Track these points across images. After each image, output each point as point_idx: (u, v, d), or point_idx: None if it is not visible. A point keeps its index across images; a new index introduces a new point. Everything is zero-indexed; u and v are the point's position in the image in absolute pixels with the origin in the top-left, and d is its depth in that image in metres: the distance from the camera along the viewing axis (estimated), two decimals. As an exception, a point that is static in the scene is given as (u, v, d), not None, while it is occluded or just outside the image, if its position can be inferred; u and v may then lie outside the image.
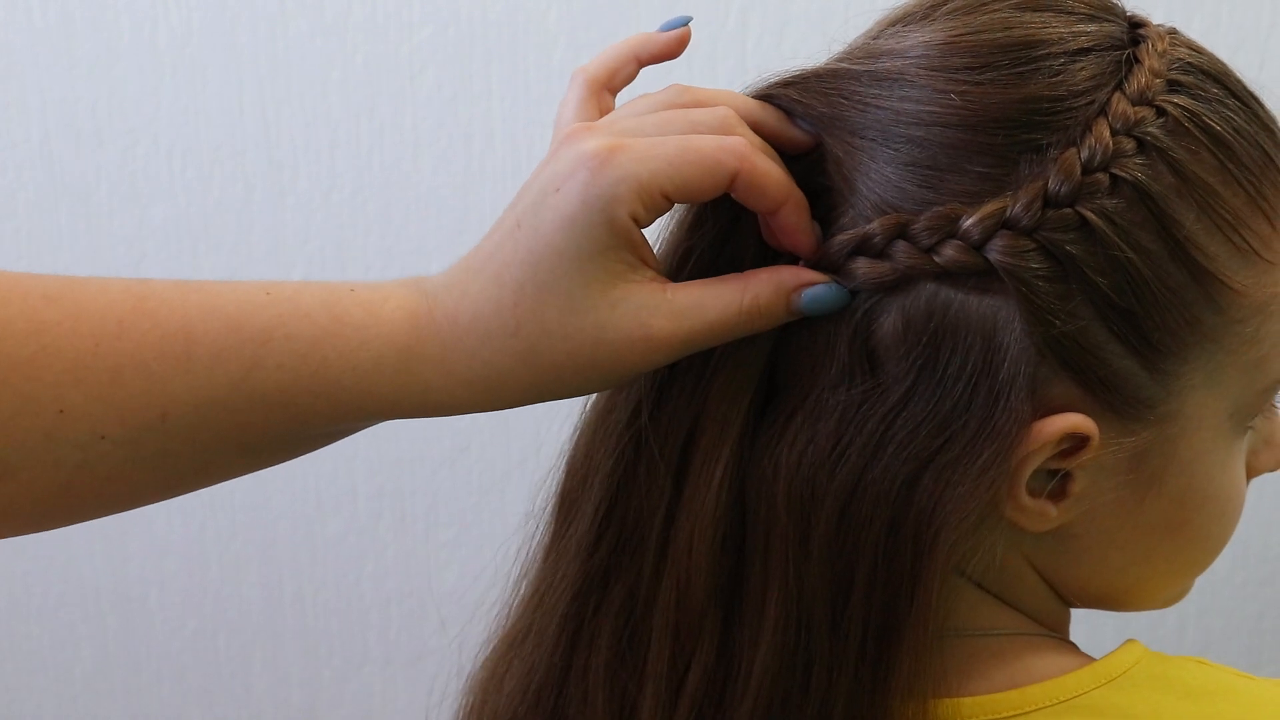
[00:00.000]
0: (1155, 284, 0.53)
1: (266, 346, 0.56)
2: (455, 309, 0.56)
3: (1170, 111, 0.54)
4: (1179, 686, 0.57)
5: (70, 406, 0.54)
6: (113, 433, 0.55)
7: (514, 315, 0.55)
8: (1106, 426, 0.55)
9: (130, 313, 0.56)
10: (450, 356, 0.56)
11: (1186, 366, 0.55)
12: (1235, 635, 1.44)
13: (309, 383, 0.56)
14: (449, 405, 0.57)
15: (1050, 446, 0.55)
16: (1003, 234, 0.53)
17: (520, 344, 0.55)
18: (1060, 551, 0.59)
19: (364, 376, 0.56)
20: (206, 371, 0.55)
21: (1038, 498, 0.56)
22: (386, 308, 0.57)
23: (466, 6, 1.34)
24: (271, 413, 0.56)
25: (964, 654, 0.58)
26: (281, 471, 1.46)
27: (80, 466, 0.55)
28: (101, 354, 0.55)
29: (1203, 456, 0.58)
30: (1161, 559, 0.60)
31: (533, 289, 0.55)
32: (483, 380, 0.56)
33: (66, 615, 1.51)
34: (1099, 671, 0.58)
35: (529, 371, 0.56)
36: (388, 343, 0.56)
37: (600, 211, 0.54)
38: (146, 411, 0.55)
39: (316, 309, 0.56)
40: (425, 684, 1.50)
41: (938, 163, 0.54)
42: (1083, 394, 0.55)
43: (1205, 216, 0.54)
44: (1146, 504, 0.58)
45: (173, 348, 0.55)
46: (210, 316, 0.56)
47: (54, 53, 1.36)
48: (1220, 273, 0.55)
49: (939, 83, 0.54)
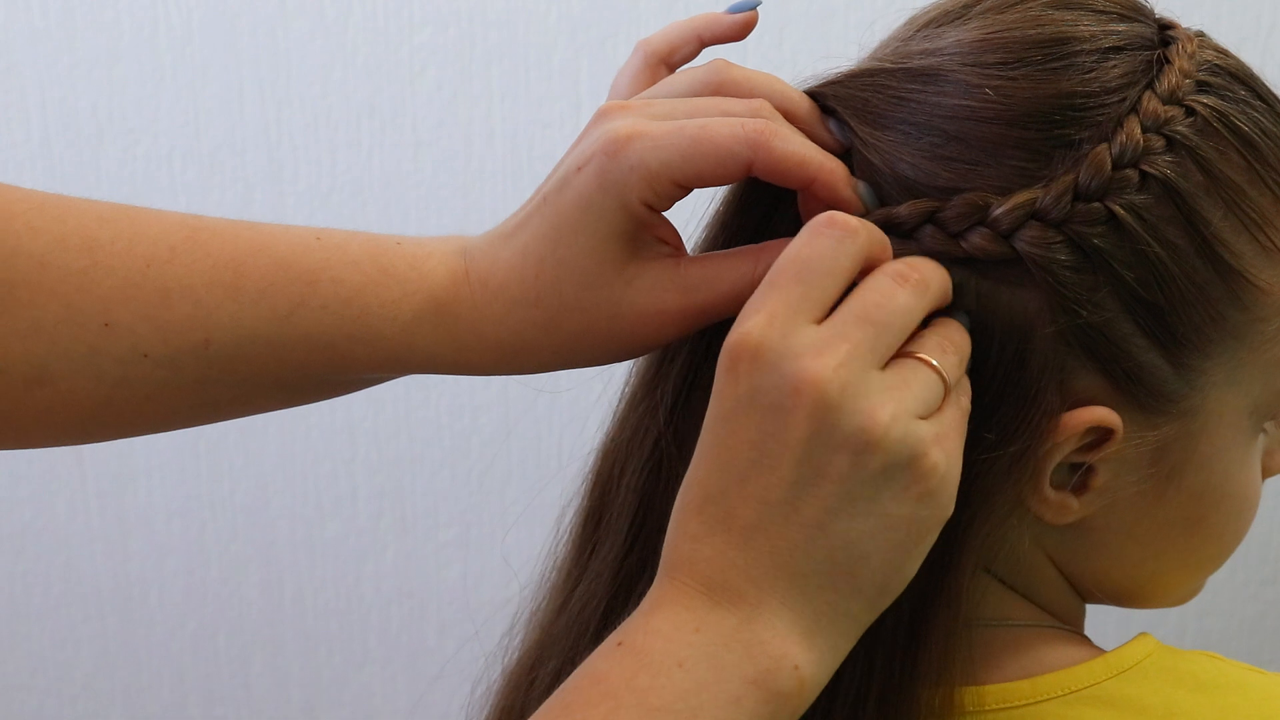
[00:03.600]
0: (1181, 279, 0.54)
1: (313, 288, 0.57)
2: (487, 274, 0.58)
3: (1199, 111, 0.55)
4: (1190, 679, 0.58)
5: (116, 322, 0.56)
6: (155, 352, 0.57)
7: (535, 287, 0.57)
8: (1130, 420, 0.55)
9: (184, 241, 0.58)
10: (480, 319, 0.58)
11: (1210, 362, 0.56)
12: (1236, 635, 1.44)
13: (350, 328, 0.58)
14: (477, 365, 0.59)
15: (1076, 439, 0.55)
16: (1032, 224, 0.53)
17: (541, 314, 0.57)
18: (1079, 544, 0.59)
19: (403, 329, 0.58)
20: (252, 304, 0.57)
21: (1061, 490, 0.57)
22: (429, 264, 0.58)
23: (466, 6, 1.34)
24: (312, 353, 0.58)
25: (979, 643, 0.59)
26: (281, 472, 1.46)
27: (120, 382, 0.57)
28: (152, 275, 0.57)
29: (1222, 453, 0.58)
30: (1178, 555, 0.61)
31: (552, 264, 0.56)
32: (507, 345, 0.58)
33: (66, 615, 1.51)
34: (1111, 663, 0.58)
35: (549, 340, 0.57)
36: (428, 299, 0.58)
37: (615, 197, 0.55)
38: (190, 335, 0.57)
39: (363, 258, 0.58)
40: (425, 684, 1.50)
41: (972, 156, 0.54)
42: (1108, 387, 0.55)
43: (1232, 215, 0.55)
44: (1166, 499, 0.58)
45: (222, 277, 0.57)
46: (261, 253, 0.58)
47: (54, 53, 1.36)
48: (1246, 270, 0.55)
49: (974, 77, 0.55)
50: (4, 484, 1.47)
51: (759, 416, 0.50)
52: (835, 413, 0.49)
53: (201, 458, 1.46)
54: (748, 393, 0.51)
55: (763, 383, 0.50)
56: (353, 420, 1.44)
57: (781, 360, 0.50)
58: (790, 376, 0.50)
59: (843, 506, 0.50)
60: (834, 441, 0.50)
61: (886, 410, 0.50)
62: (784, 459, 0.50)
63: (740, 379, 0.51)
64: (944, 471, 0.51)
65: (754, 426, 0.50)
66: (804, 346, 0.50)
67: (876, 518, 0.50)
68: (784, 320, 0.51)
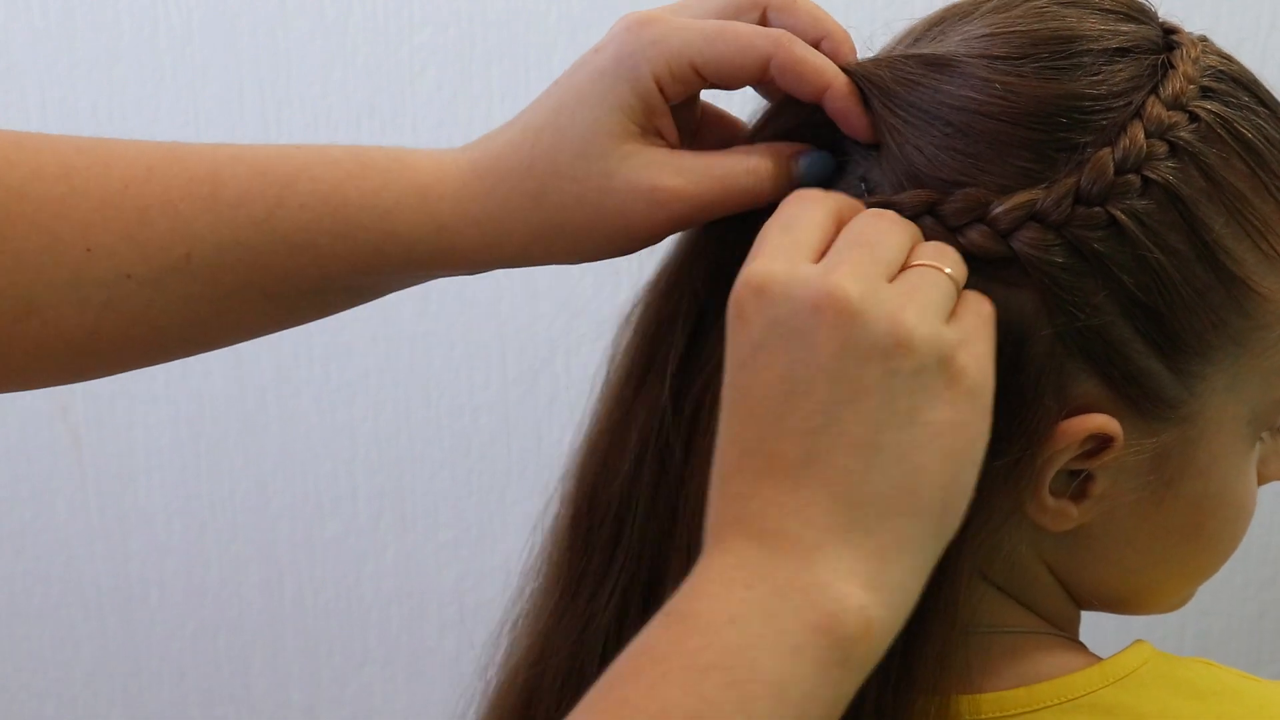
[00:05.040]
0: (1182, 285, 0.54)
1: (291, 188, 0.58)
2: (478, 154, 0.59)
3: (1203, 117, 0.55)
4: (1186, 687, 0.58)
5: (97, 245, 0.57)
6: (138, 272, 0.57)
7: (530, 154, 0.57)
8: (1129, 427, 0.55)
9: (160, 160, 0.58)
10: (465, 194, 0.58)
11: (1210, 368, 0.56)
12: (1235, 635, 1.44)
13: (330, 222, 0.58)
14: (458, 249, 0.59)
15: (1075, 446, 0.55)
16: (1030, 225, 0.54)
17: (532, 183, 0.57)
18: (1076, 552, 0.59)
19: (384, 216, 0.58)
20: (231, 211, 0.57)
21: (1060, 498, 0.56)
22: (413, 156, 0.59)
23: (466, 6, 1.34)
24: (293, 254, 0.58)
25: (976, 651, 0.58)
26: (281, 472, 1.46)
27: (105, 306, 0.57)
28: (130, 195, 0.57)
29: (1220, 461, 0.58)
30: (1175, 562, 0.61)
31: (551, 132, 0.57)
32: (492, 220, 0.58)
33: (66, 615, 1.51)
34: (1107, 671, 0.58)
35: (537, 212, 0.57)
36: (410, 183, 0.58)
37: (629, 70, 0.56)
38: (171, 251, 0.57)
39: (344, 156, 0.59)
40: (425, 684, 1.50)
41: (976, 151, 0.55)
42: (1107, 393, 0.55)
43: (1234, 222, 0.55)
44: (1164, 506, 0.58)
45: (199, 190, 0.57)
46: (238, 163, 0.58)
47: (54, 53, 1.36)
48: (1248, 277, 0.55)
49: (982, 70, 0.55)
50: (4, 484, 1.47)
51: (782, 347, 0.49)
52: (860, 320, 0.48)
53: (201, 458, 1.46)
54: (765, 328, 0.50)
55: (778, 313, 0.49)
56: (353, 420, 1.44)
57: (792, 286, 0.49)
58: (807, 297, 0.49)
59: (887, 418, 0.48)
60: (863, 350, 0.48)
61: (909, 312, 0.49)
62: (817, 381, 0.48)
63: (753, 320, 0.50)
64: (974, 374, 0.50)
65: (779, 359, 0.49)
66: (811, 272, 0.50)
67: (922, 425, 0.48)
68: (784, 256, 0.51)
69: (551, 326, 1.40)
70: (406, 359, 1.42)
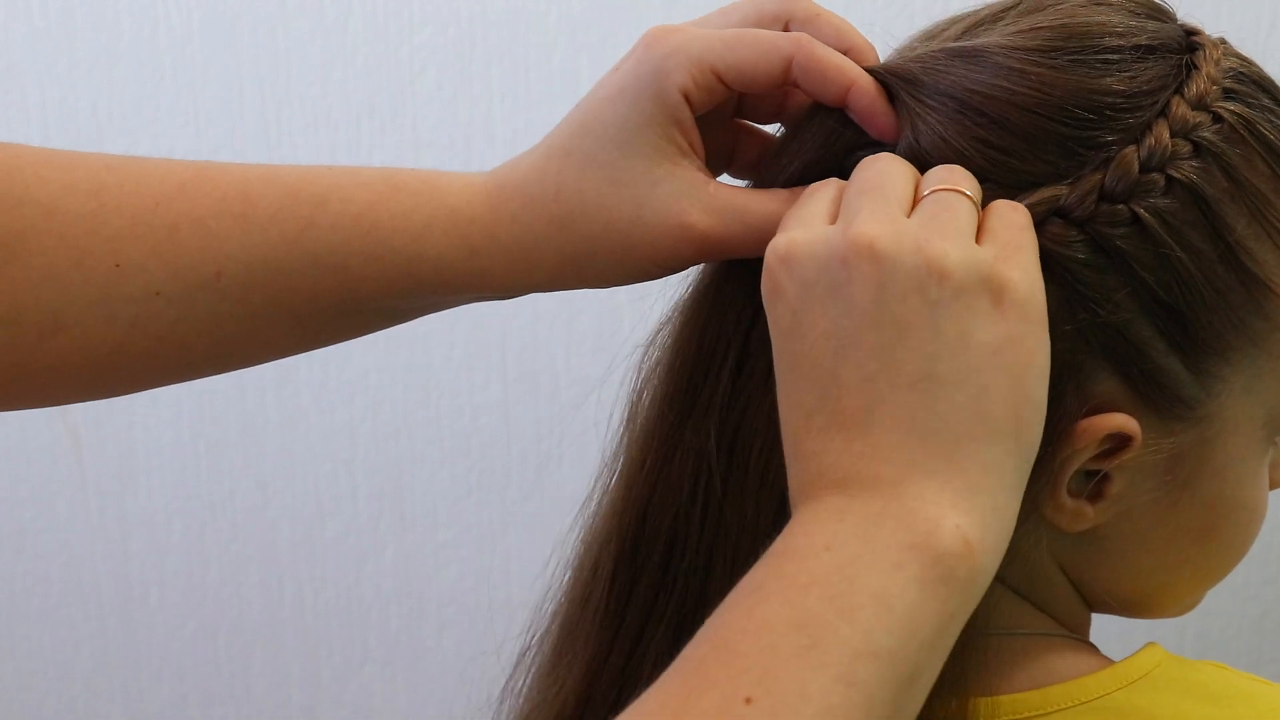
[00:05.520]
0: (1203, 284, 0.54)
1: (322, 209, 0.57)
2: (505, 176, 0.58)
3: (1226, 118, 0.55)
4: (1199, 690, 0.58)
5: (126, 261, 0.56)
6: (167, 289, 0.57)
7: (556, 181, 0.57)
8: (1148, 426, 0.55)
9: (192, 178, 0.58)
10: (495, 219, 0.57)
11: (1229, 369, 0.56)
12: (1236, 635, 1.44)
13: (360, 244, 0.57)
14: (488, 272, 0.58)
15: (1094, 445, 0.55)
16: (1054, 221, 0.53)
17: (558, 209, 0.56)
18: (1090, 553, 0.59)
19: (414, 239, 0.58)
20: (262, 231, 0.57)
21: (1076, 498, 0.56)
22: (443, 180, 0.59)
23: (466, 6, 1.34)
24: (323, 276, 0.58)
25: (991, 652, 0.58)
26: (281, 472, 1.46)
27: (133, 323, 0.57)
28: (160, 212, 0.57)
29: (1235, 463, 0.58)
30: (1188, 564, 0.61)
31: (578, 157, 0.56)
32: (520, 245, 0.57)
33: (66, 615, 1.51)
34: (1120, 674, 0.58)
35: (564, 239, 0.57)
36: (440, 205, 0.58)
37: (651, 83, 0.55)
38: (201, 269, 0.57)
39: (375, 179, 0.58)
40: (425, 684, 1.50)
41: (1007, 144, 0.54)
42: (1126, 392, 0.55)
43: (1256, 223, 0.55)
44: (1180, 508, 0.58)
45: (231, 208, 0.57)
46: (270, 182, 0.58)
47: (54, 53, 1.36)
48: (1269, 279, 0.55)
49: (1018, 62, 0.55)
50: (4, 484, 1.47)
51: (820, 308, 0.50)
52: (891, 260, 0.49)
53: (201, 458, 1.46)
54: (800, 293, 0.50)
55: (808, 275, 0.50)
56: (353, 420, 1.44)
57: (815, 245, 0.50)
58: (833, 253, 0.49)
59: (939, 349, 0.48)
60: (900, 287, 0.48)
61: (936, 240, 0.49)
62: (863, 329, 0.49)
63: (787, 288, 0.50)
64: (1019, 286, 0.49)
65: (821, 319, 0.49)
66: (831, 229, 0.50)
67: (975, 348, 0.48)
68: (802, 224, 0.51)
69: (552, 326, 1.40)
70: (406, 359, 1.42)
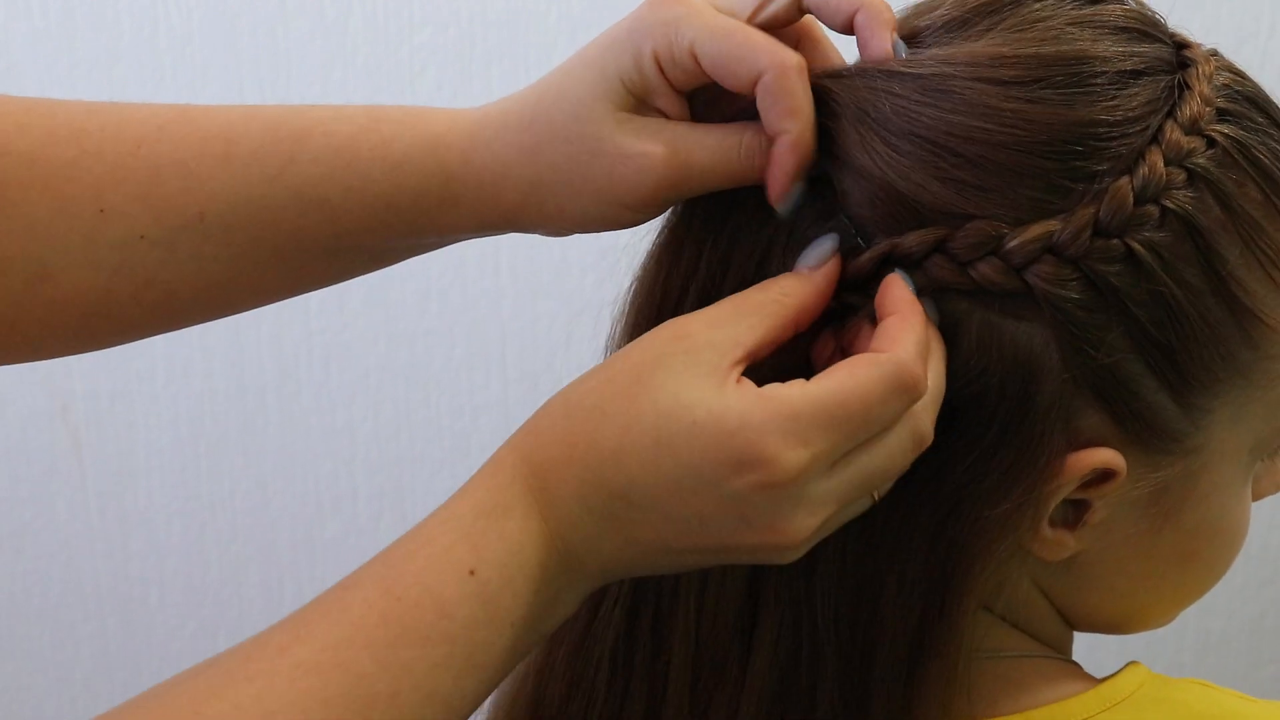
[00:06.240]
0: (1195, 319, 0.52)
1: (303, 144, 0.58)
2: (491, 108, 0.60)
3: (1220, 142, 0.53)
4: (1183, 710, 0.57)
5: (110, 206, 0.57)
6: (150, 232, 0.57)
7: (531, 112, 0.58)
8: (1133, 460, 0.54)
9: (173, 120, 0.58)
10: (471, 145, 0.59)
11: (1217, 401, 0.55)
12: (1236, 635, 1.44)
13: (342, 175, 0.58)
14: (460, 200, 0.59)
15: (1078, 479, 0.54)
16: (1046, 259, 0.51)
17: (528, 138, 0.58)
18: (1072, 579, 0.58)
19: (394, 168, 0.58)
20: (243, 168, 0.58)
21: (1057, 528, 0.55)
22: (430, 111, 0.60)
23: (466, 6, 1.34)
24: (306, 211, 0.58)
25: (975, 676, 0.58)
26: (281, 472, 1.46)
27: (118, 269, 0.57)
28: (142, 155, 0.57)
29: (1220, 490, 0.57)
30: (1169, 587, 0.60)
31: (554, 93, 0.57)
32: (489, 171, 0.58)
33: (66, 615, 1.51)
34: (1103, 695, 0.57)
35: (530, 167, 0.58)
36: (421, 134, 0.59)
37: (635, 41, 0.55)
38: (184, 210, 0.57)
39: (357, 113, 0.59)
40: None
41: (985, 182, 0.52)
42: (1113, 427, 0.54)
43: (1248, 252, 0.53)
44: (1163, 535, 0.57)
45: (212, 148, 0.58)
46: (251, 120, 0.58)
47: (54, 53, 1.36)
48: (1259, 309, 0.54)
49: (991, 97, 0.52)
50: (4, 484, 1.47)
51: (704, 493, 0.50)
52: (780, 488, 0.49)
53: (201, 458, 1.46)
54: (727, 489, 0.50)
55: (751, 497, 0.49)
56: (353, 420, 1.44)
57: (783, 503, 0.50)
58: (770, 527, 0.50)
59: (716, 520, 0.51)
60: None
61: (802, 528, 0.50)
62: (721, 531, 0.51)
63: (734, 480, 0.49)
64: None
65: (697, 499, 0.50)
66: (809, 505, 0.50)
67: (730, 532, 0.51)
68: (817, 467, 0.50)
69: (552, 326, 1.40)
70: (406, 359, 1.42)
